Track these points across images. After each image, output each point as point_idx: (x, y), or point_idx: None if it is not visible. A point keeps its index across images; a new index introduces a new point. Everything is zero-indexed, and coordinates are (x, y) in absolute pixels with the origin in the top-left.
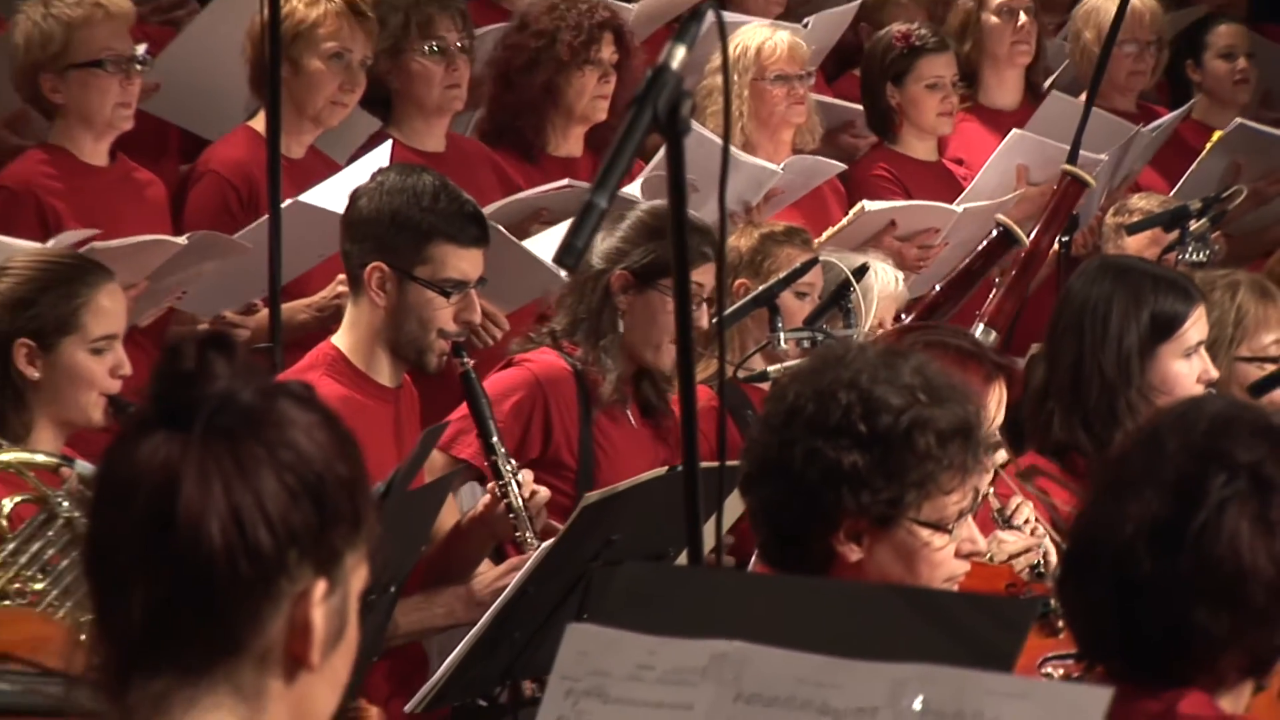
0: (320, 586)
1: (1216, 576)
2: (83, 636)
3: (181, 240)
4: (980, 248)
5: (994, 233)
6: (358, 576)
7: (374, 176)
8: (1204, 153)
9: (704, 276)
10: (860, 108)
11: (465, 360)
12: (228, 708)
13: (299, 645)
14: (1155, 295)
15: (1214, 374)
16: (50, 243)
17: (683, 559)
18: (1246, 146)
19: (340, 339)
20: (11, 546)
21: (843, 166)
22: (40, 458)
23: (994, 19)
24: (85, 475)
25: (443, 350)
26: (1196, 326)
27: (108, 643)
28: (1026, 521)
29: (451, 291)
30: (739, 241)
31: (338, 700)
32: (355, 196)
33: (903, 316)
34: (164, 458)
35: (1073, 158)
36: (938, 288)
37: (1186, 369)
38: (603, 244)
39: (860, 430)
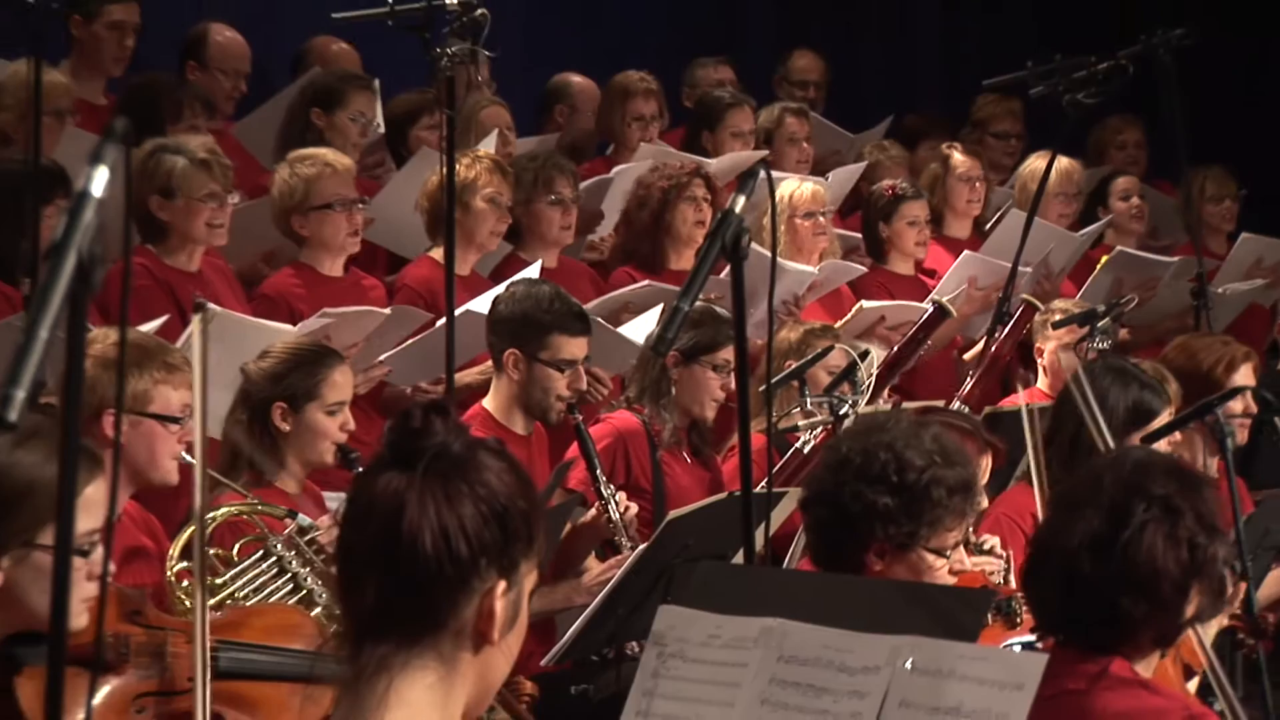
0: (501, 585)
1: (1137, 576)
2: (324, 624)
3: (386, 311)
4: (923, 319)
5: (930, 309)
6: (529, 579)
7: (508, 288)
8: (1096, 270)
9: (728, 354)
10: (861, 237)
11: (576, 415)
12: (431, 669)
13: (485, 626)
14: (1140, 391)
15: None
16: (298, 326)
17: (738, 559)
18: (1128, 265)
19: (488, 402)
20: (229, 575)
21: (863, 269)
22: (272, 508)
23: (957, 183)
24: (303, 525)
25: (560, 409)
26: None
27: (347, 620)
28: (992, 549)
29: (565, 369)
30: (789, 334)
31: (509, 668)
32: (496, 302)
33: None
34: (394, 489)
35: (1015, 265)
36: (895, 348)
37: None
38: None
39: (893, 481)
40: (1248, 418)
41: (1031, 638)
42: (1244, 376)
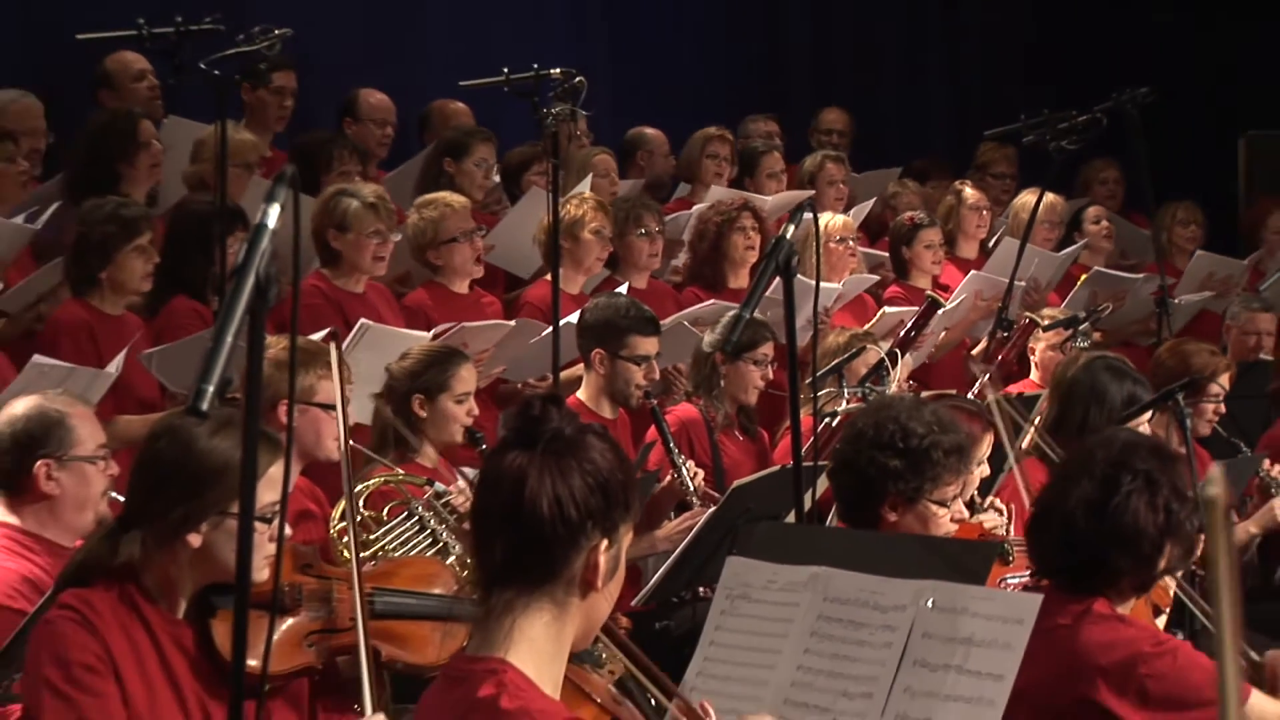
0: (604, 543)
1: (1123, 534)
2: (457, 572)
3: (511, 323)
4: (921, 309)
5: (926, 302)
6: (627, 539)
7: (592, 299)
8: (1077, 285)
9: (768, 349)
10: (889, 256)
11: (652, 400)
12: (547, 609)
13: (590, 576)
14: (1133, 385)
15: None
16: (430, 333)
17: (790, 519)
18: (1102, 281)
19: (580, 394)
20: (380, 532)
21: (875, 279)
22: (413, 478)
23: (969, 213)
24: (439, 491)
25: (638, 396)
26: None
27: (479, 570)
28: (991, 504)
29: (641, 363)
30: (838, 338)
31: (610, 609)
32: (583, 312)
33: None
34: (518, 464)
35: (1011, 282)
36: (902, 332)
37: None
38: (708, 337)
39: (899, 446)
40: (1216, 415)
41: (1024, 574)
42: (1224, 381)
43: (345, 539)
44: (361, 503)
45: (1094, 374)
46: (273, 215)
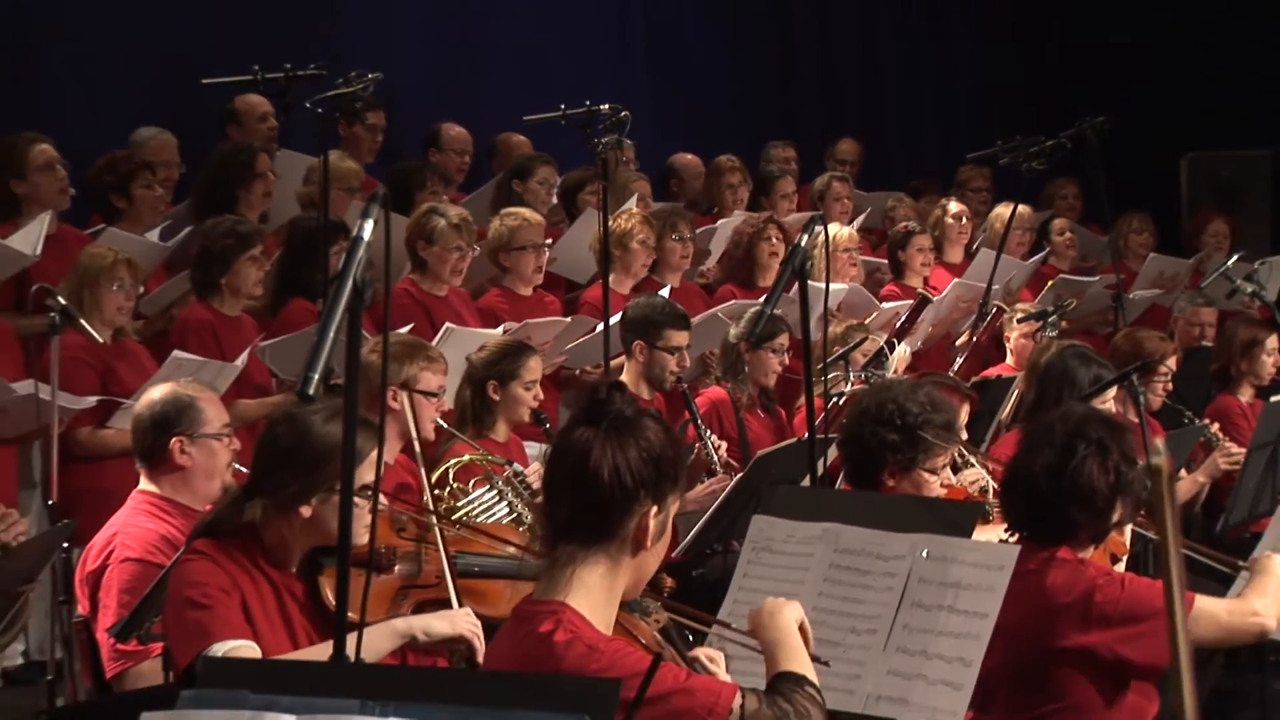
0: (654, 509)
1: (1080, 493)
2: (528, 539)
3: (567, 320)
4: (914, 304)
5: (918, 299)
6: (674, 506)
7: (632, 298)
8: (1045, 289)
9: (784, 340)
10: (886, 260)
11: (683, 384)
12: (603, 563)
13: (640, 536)
14: (1098, 369)
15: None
16: (499, 329)
17: (805, 483)
18: (1066, 284)
19: (622, 378)
20: (464, 502)
21: (873, 298)
22: (496, 458)
23: (951, 221)
24: (517, 470)
25: (672, 381)
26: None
27: (547, 527)
28: (973, 467)
29: (674, 352)
30: (835, 329)
31: (657, 566)
32: (625, 310)
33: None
34: (585, 438)
35: (989, 286)
36: (899, 323)
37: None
38: (734, 331)
39: (896, 423)
40: (1165, 391)
41: (1000, 529)
42: (1172, 363)
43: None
44: (451, 475)
45: (1065, 360)
46: (367, 229)
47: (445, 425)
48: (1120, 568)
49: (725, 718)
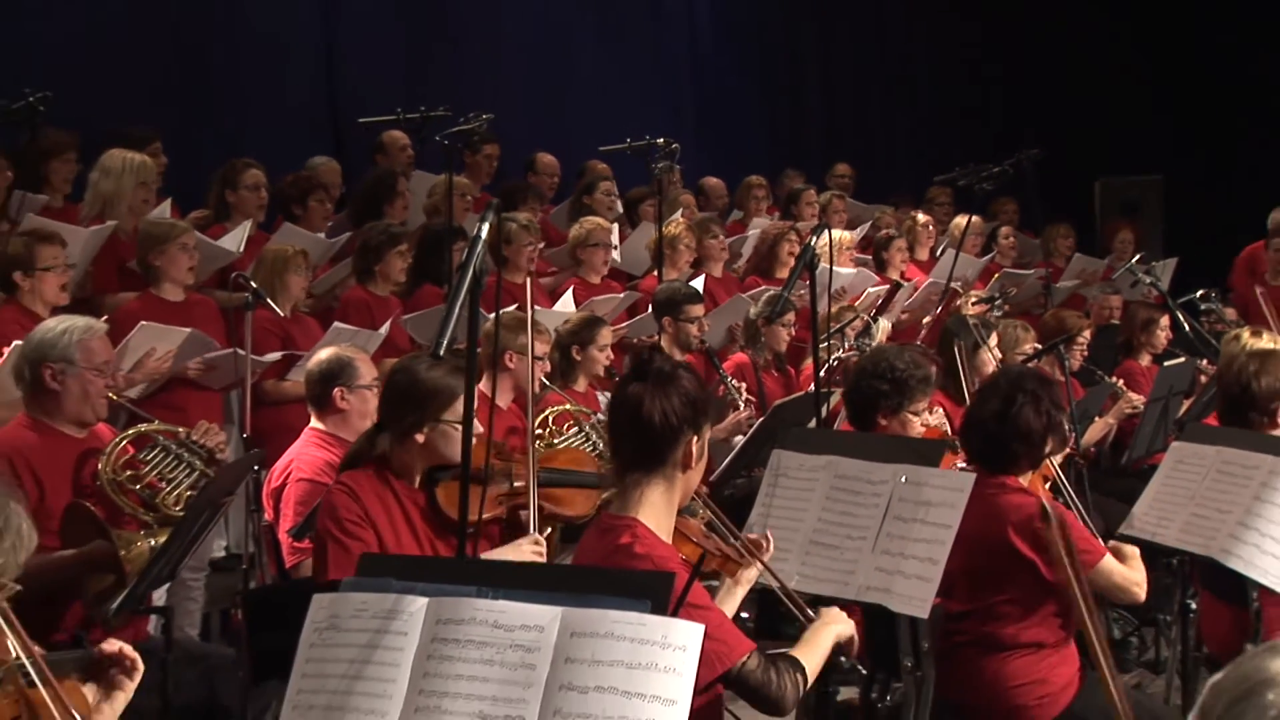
0: (694, 438)
1: (1019, 432)
2: (599, 462)
3: (622, 296)
4: (889, 289)
5: (893, 285)
6: (707, 434)
7: (660, 285)
8: (993, 279)
9: (792, 317)
10: (871, 259)
11: (705, 343)
12: (661, 483)
13: (686, 460)
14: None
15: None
16: (580, 308)
17: (811, 424)
18: (1008, 278)
19: (662, 345)
20: (561, 438)
21: (875, 277)
22: (585, 409)
23: (921, 228)
24: (599, 419)
25: (696, 342)
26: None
27: (616, 460)
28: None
29: (694, 322)
30: (834, 309)
31: (699, 479)
32: (655, 293)
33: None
34: (637, 391)
35: (949, 281)
36: (879, 302)
37: None
38: (754, 310)
39: (887, 376)
40: (1082, 356)
41: (960, 461)
42: (1087, 335)
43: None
44: (551, 419)
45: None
46: (484, 231)
47: (543, 380)
48: (1046, 486)
49: (731, 665)
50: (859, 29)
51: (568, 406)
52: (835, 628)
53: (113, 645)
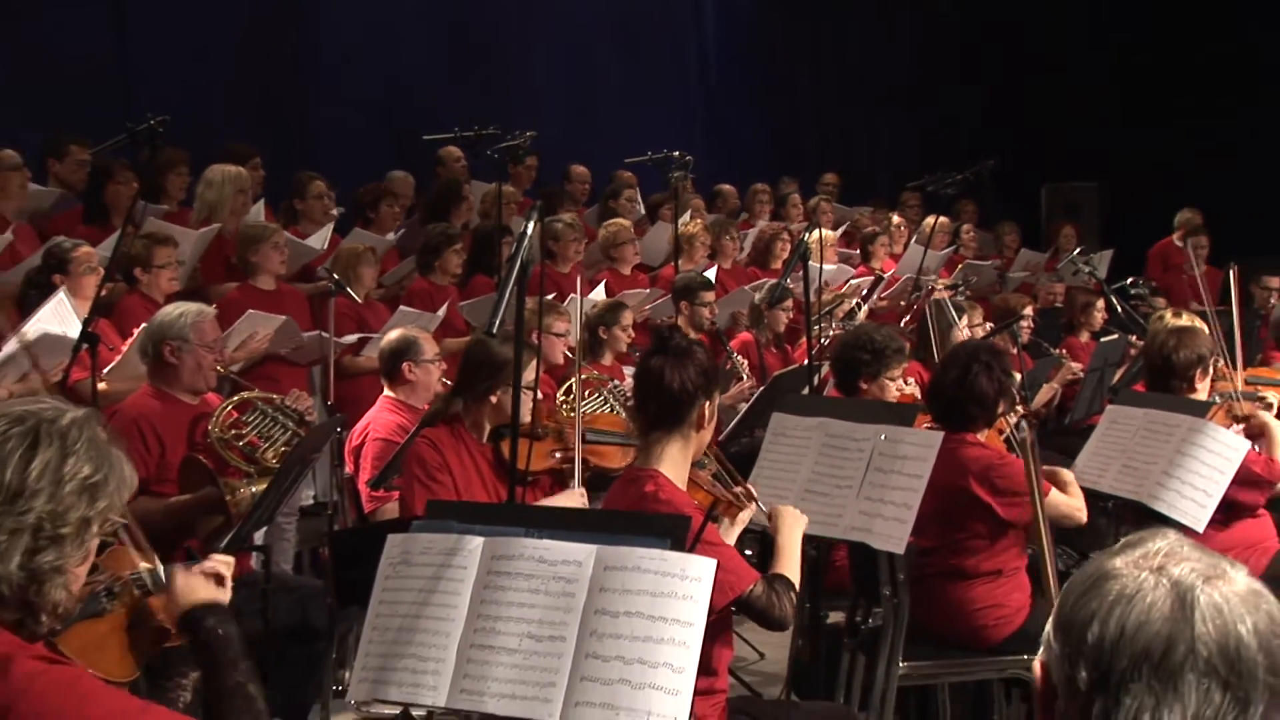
0: (706, 403)
1: (975, 396)
2: (628, 421)
3: (647, 290)
4: (873, 280)
5: (875, 277)
6: (717, 399)
7: (678, 275)
8: (957, 269)
9: (790, 302)
10: (858, 253)
11: (716, 325)
12: (679, 440)
13: (700, 420)
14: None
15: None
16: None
17: (805, 392)
18: (969, 268)
19: (679, 325)
20: (585, 402)
21: (853, 270)
22: (607, 378)
23: (898, 230)
24: (618, 386)
25: (709, 324)
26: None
27: (640, 422)
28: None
29: (707, 306)
30: (825, 297)
31: (710, 437)
32: (673, 283)
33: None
34: (658, 363)
35: (919, 272)
36: (864, 291)
37: None
38: (757, 296)
39: (867, 346)
40: (1029, 332)
41: (927, 421)
42: (1029, 312)
43: (570, 403)
44: (575, 386)
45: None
46: (529, 228)
47: (572, 355)
48: (1001, 435)
49: (740, 592)
50: (843, 62)
51: (587, 376)
52: (796, 529)
53: (214, 559)
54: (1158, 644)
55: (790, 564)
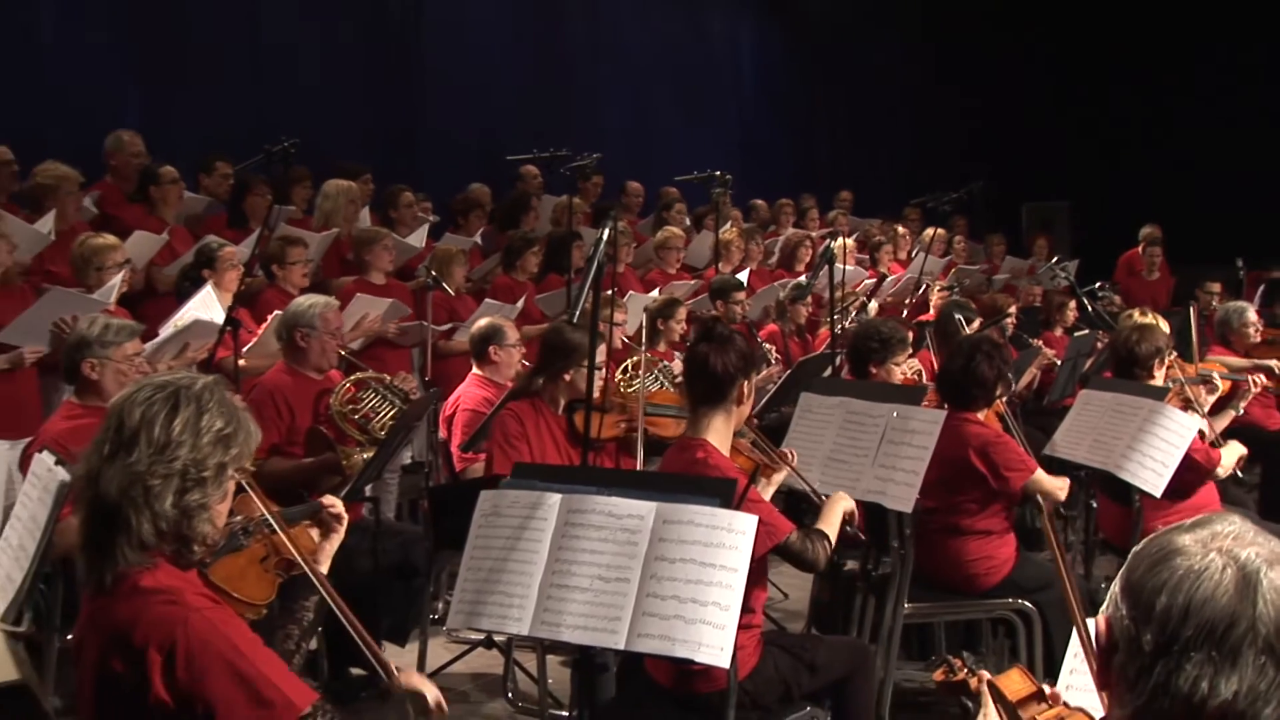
0: (745, 382)
1: (977, 380)
2: (679, 396)
3: (692, 282)
4: (877, 280)
5: (879, 277)
6: (754, 379)
7: (716, 276)
8: (951, 272)
9: (809, 299)
10: (868, 258)
11: (748, 320)
12: (723, 414)
13: (740, 397)
14: (964, 311)
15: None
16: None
17: (827, 374)
18: (963, 272)
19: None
20: (638, 380)
21: (866, 273)
22: (658, 360)
23: (899, 238)
24: (666, 366)
25: (740, 319)
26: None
27: (690, 398)
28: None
29: (739, 304)
30: (842, 294)
31: (749, 410)
32: (710, 285)
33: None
34: (704, 350)
35: (920, 275)
36: (870, 289)
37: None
38: (782, 294)
39: (878, 337)
40: (1013, 325)
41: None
42: (1012, 310)
43: (634, 382)
44: (631, 366)
45: (949, 309)
46: (605, 234)
47: (630, 342)
48: (997, 415)
49: (779, 539)
50: (855, 101)
51: (639, 358)
52: (842, 504)
53: (329, 500)
54: (1222, 620)
55: (829, 524)
